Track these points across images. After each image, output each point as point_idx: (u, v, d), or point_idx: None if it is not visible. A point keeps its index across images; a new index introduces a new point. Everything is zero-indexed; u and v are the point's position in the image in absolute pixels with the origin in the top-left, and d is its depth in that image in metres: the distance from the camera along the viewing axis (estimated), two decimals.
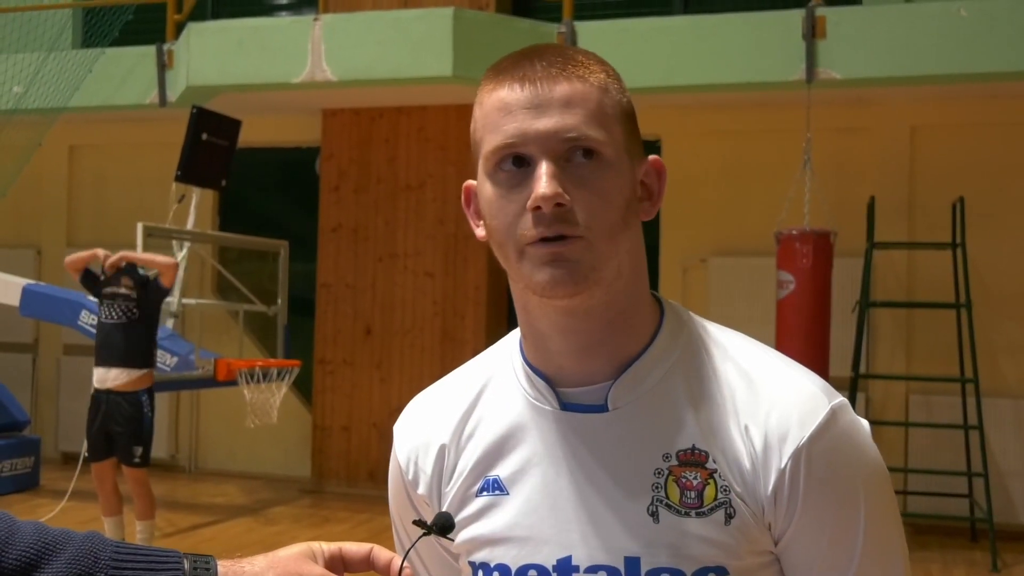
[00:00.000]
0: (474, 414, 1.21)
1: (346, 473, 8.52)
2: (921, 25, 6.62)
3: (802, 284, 6.51)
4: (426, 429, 1.24)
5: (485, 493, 1.17)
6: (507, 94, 1.08)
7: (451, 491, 1.19)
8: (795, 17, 6.81)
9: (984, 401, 6.94)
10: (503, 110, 1.08)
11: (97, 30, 8.30)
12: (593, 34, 7.13)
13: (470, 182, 1.19)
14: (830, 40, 6.72)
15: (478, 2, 8.11)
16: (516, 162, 1.09)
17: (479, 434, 1.19)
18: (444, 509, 1.20)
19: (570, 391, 1.15)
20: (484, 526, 1.16)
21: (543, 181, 1.05)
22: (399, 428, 1.28)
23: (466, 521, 1.18)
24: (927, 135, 7.70)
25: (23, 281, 7.61)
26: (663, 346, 1.14)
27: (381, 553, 1.09)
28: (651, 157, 1.14)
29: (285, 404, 7.85)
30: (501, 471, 1.16)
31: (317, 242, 8.70)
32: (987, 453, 6.86)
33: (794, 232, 6.57)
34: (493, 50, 7.22)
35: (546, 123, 1.07)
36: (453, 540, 1.20)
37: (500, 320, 8.45)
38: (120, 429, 6.01)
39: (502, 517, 1.15)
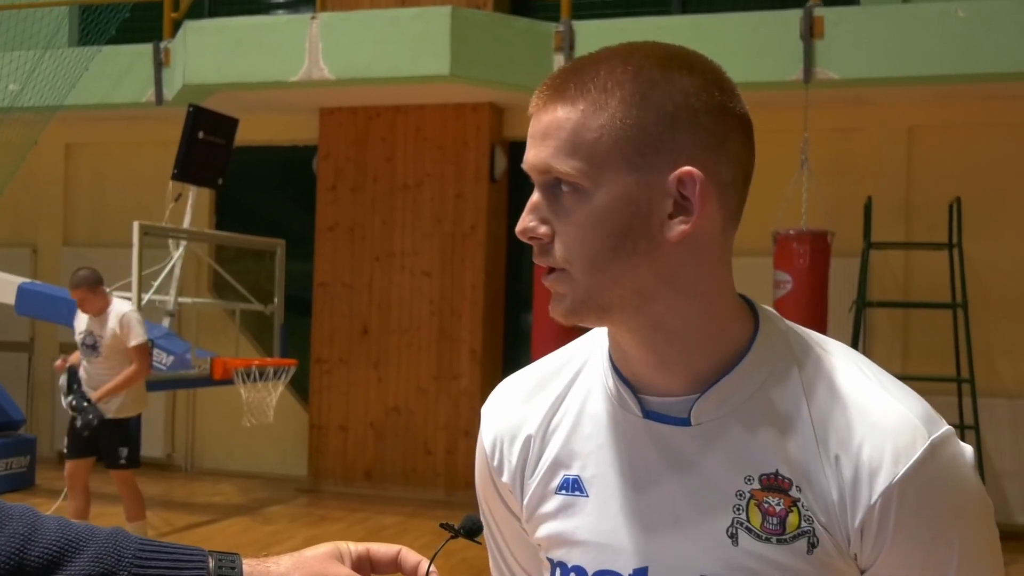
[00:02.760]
0: (562, 407, 1.19)
1: (343, 472, 8.51)
2: (919, 25, 6.63)
3: (799, 284, 6.51)
4: (514, 417, 1.22)
5: (564, 491, 1.16)
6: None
7: (533, 483, 1.19)
8: (793, 17, 6.81)
9: (980, 401, 6.95)
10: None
11: (94, 28, 8.28)
12: (591, 34, 7.13)
13: None
14: (828, 40, 6.72)
15: (476, 1, 8.09)
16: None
17: (563, 428, 1.18)
18: (526, 500, 1.19)
19: (654, 400, 1.12)
20: (562, 524, 1.16)
21: (523, 215, 1.09)
22: (488, 411, 1.25)
23: (546, 517, 1.17)
24: (924, 135, 7.71)
25: (19, 280, 7.59)
26: (754, 363, 1.10)
27: (409, 555, 1.08)
28: (683, 169, 1.05)
29: (281, 403, 7.84)
30: (582, 471, 1.16)
31: (314, 241, 8.69)
32: (983, 453, 6.87)
33: (791, 232, 6.57)
34: (491, 49, 7.23)
35: (531, 157, 1.08)
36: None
37: (497, 319, 8.44)
38: (105, 429, 5.91)
39: (581, 519, 1.15)
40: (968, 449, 1.08)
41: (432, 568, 1.07)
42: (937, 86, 6.99)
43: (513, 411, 1.22)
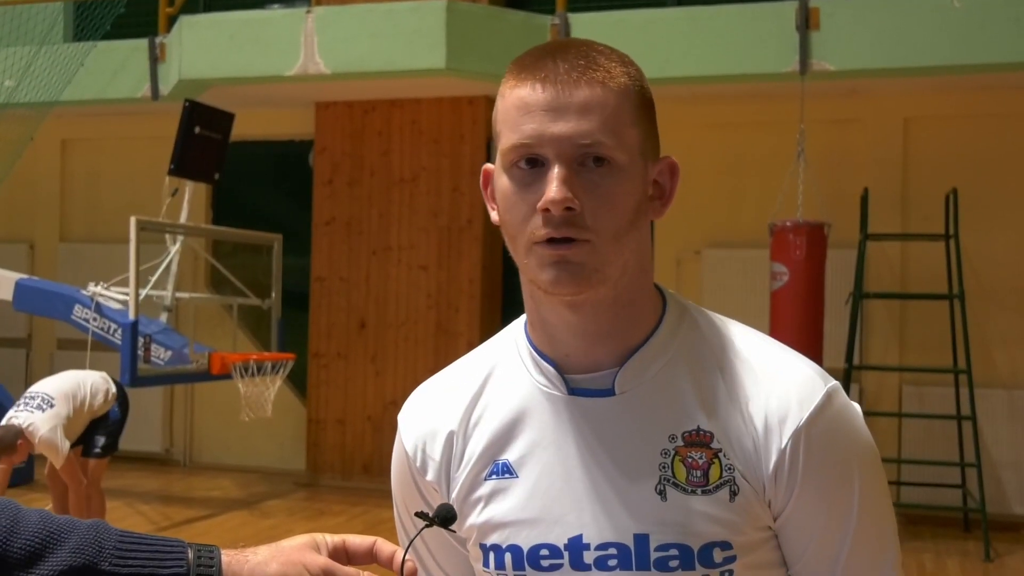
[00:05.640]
0: (481, 400, 1.24)
1: (341, 466, 8.52)
2: (914, 16, 6.63)
3: (796, 276, 6.51)
4: (433, 416, 1.26)
5: (494, 477, 1.20)
6: (527, 93, 1.11)
7: (461, 476, 1.22)
8: (789, 8, 6.81)
9: (977, 392, 6.96)
10: (522, 109, 1.11)
11: (89, 23, 8.26)
12: (587, 26, 7.12)
13: (488, 165, 1.21)
14: (824, 31, 6.72)
15: None
16: (530, 162, 1.12)
17: (487, 419, 1.22)
18: (454, 494, 1.22)
19: (577, 377, 1.18)
20: (495, 509, 1.19)
21: (554, 185, 1.09)
22: (405, 416, 1.29)
23: (477, 505, 1.21)
24: (920, 126, 7.71)
25: (16, 275, 7.59)
26: (666, 334, 1.19)
27: (384, 546, 1.10)
28: (665, 157, 1.18)
29: (279, 398, 7.85)
30: (510, 455, 1.20)
31: (311, 236, 8.69)
32: (980, 444, 6.88)
33: (788, 224, 6.57)
34: (487, 42, 7.22)
35: (562, 127, 1.09)
36: (455, 532, 1.22)
37: (494, 313, 8.44)
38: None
39: (512, 500, 1.18)
40: (857, 404, 1.20)
41: (408, 557, 1.08)
42: (933, 77, 6.99)
43: (430, 413, 1.26)
